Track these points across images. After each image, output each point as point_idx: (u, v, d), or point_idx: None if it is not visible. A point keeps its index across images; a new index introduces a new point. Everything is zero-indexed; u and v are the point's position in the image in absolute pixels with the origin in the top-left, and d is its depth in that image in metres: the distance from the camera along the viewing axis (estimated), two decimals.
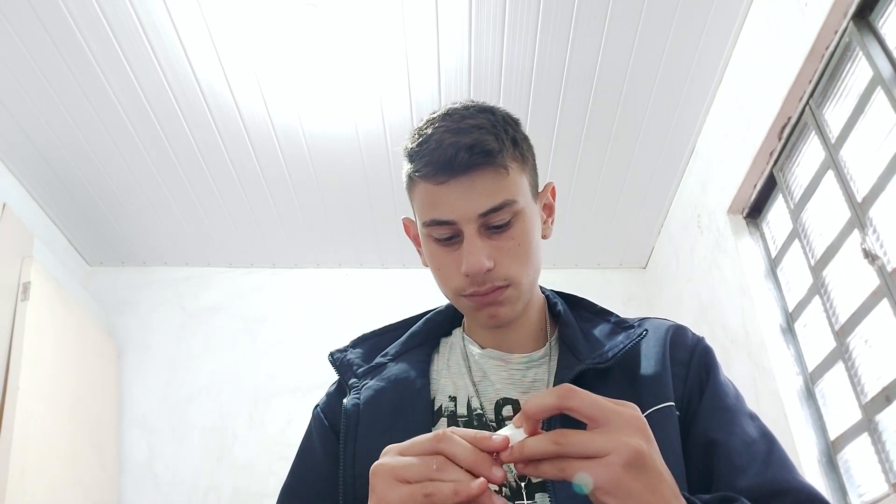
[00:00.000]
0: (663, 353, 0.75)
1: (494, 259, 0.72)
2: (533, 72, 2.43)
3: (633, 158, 2.81)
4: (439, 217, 0.72)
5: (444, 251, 0.74)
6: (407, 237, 0.88)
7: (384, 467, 0.54)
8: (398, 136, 2.68)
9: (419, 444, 0.53)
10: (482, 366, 0.79)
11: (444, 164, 0.70)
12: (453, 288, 0.75)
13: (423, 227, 0.76)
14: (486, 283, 0.72)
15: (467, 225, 0.71)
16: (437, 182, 0.72)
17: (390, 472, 0.53)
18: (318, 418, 0.83)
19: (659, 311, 3.23)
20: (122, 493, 2.85)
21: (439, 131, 0.72)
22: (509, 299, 0.74)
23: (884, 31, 1.73)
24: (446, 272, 0.75)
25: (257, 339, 3.21)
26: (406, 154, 0.77)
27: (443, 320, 0.88)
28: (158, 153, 2.71)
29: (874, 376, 1.75)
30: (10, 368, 2.25)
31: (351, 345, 0.86)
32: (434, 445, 0.52)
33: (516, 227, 0.73)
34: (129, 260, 3.32)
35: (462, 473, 0.51)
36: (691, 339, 0.79)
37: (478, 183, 0.70)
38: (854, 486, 1.87)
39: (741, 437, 0.70)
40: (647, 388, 0.72)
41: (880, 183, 1.71)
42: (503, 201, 0.71)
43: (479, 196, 0.70)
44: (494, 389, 0.76)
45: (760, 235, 2.44)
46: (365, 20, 2.23)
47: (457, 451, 0.51)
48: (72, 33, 2.22)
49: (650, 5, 2.21)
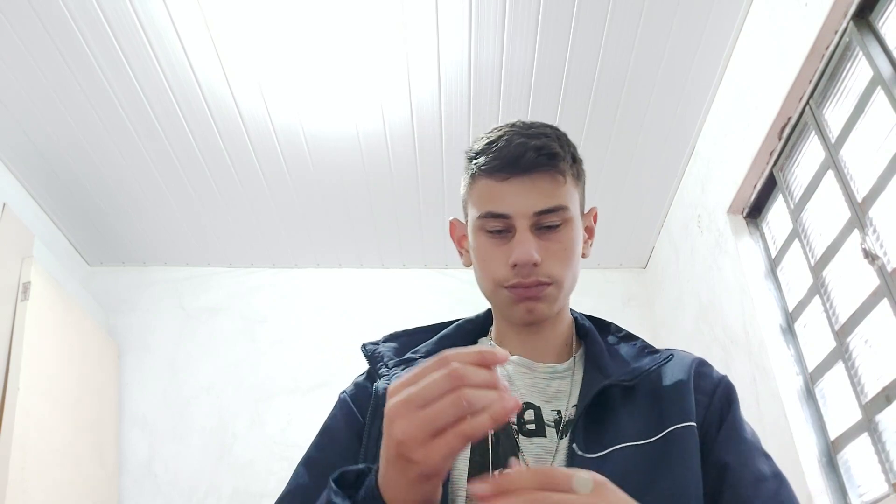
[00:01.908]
0: (688, 379, 0.78)
1: (541, 257, 0.76)
2: (533, 72, 2.43)
3: (633, 158, 2.81)
4: (496, 210, 0.77)
5: (494, 244, 0.78)
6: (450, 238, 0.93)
7: (398, 402, 0.53)
8: (398, 135, 2.68)
9: (422, 370, 0.53)
10: (508, 371, 0.80)
11: (511, 161, 0.76)
12: (497, 279, 0.78)
13: (477, 219, 0.80)
14: (530, 277, 0.76)
15: (521, 220, 0.76)
16: (500, 178, 0.77)
17: (403, 403, 0.52)
18: (344, 402, 0.84)
19: (659, 311, 3.23)
20: (122, 493, 2.85)
21: (509, 133, 0.78)
22: (548, 297, 0.78)
23: (884, 31, 1.73)
24: (493, 264, 0.78)
25: (257, 339, 3.21)
26: (471, 154, 0.82)
27: (473, 328, 0.90)
28: (158, 153, 2.71)
29: (874, 376, 1.75)
30: (10, 368, 2.25)
31: (383, 339, 0.88)
32: (441, 367, 0.52)
33: (565, 232, 0.78)
34: (129, 260, 3.32)
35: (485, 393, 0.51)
36: (717, 374, 0.82)
37: (538, 183, 0.76)
38: (854, 486, 1.87)
39: (752, 470, 0.72)
40: (670, 406, 0.74)
41: (880, 183, 1.71)
42: (558, 205, 0.77)
43: (537, 195, 0.76)
44: (519, 394, 0.78)
45: (760, 235, 2.44)
46: (365, 20, 2.23)
47: (468, 371, 0.51)
48: (72, 33, 2.22)
49: (650, 5, 2.21)
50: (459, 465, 0.72)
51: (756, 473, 0.72)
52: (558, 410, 0.76)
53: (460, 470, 0.71)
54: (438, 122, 2.62)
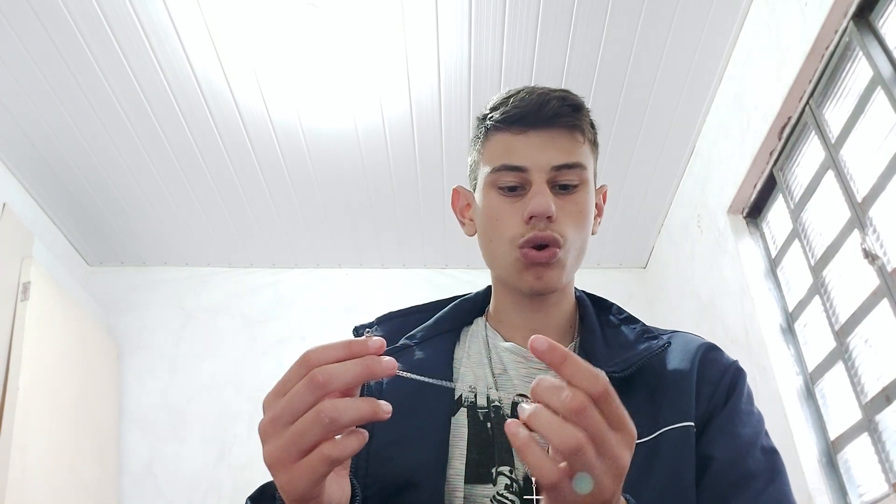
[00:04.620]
0: (691, 369, 0.73)
1: (557, 215, 0.73)
2: (533, 71, 2.43)
3: (633, 158, 2.81)
4: (512, 162, 0.74)
5: (506, 201, 0.75)
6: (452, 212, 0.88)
7: (264, 422, 0.48)
8: (398, 134, 2.68)
9: (287, 378, 0.48)
10: (503, 359, 0.77)
11: (533, 110, 0.74)
12: (510, 237, 0.74)
13: (489, 174, 0.76)
14: (546, 231, 0.72)
15: (538, 174, 0.73)
16: (518, 131, 0.74)
17: (270, 422, 0.47)
18: None
19: (659, 311, 3.23)
20: (122, 493, 2.85)
21: (528, 89, 0.76)
22: (558, 264, 0.74)
23: (884, 31, 1.73)
24: (505, 221, 0.74)
25: (257, 339, 3.21)
26: (485, 112, 0.79)
27: (471, 307, 0.86)
28: (158, 153, 2.71)
29: (874, 376, 1.75)
30: (10, 368, 2.25)
31: (376, 321, 0.85)
32: (301, 371, 0.47)
33: (581, 193, 0.75)
34: (129, 260, 3.32)
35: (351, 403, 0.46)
36: (726, 359, 0.76)
37: (557, 139, 0.74)
38: (854, 486, 1.87)
39: (740, 468, 0.67)
40: (668, 403, 0.70)
41: (880, 183, 1.71)
42: (577, 161, 0.74)
43: (556, 150, 0.73)
44: (512, 385, 0.75)
45: (760, 235, 2.44)
46: (364, 18, 2.23)
47: (331, 374, 0.46)
48: (72, 33, 2.22)
49: (650, 5, 2.21)
50: (456, 464, 0.69)
51: (743, 471, 0.67)
52: None
53: (457, 468, 0.69)
54: (438, 119, 2.62)
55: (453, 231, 3.14)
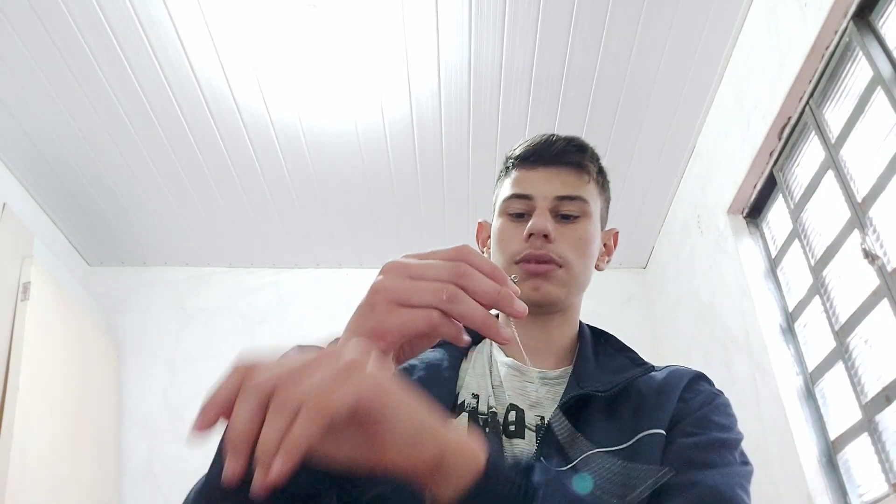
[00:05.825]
0: (675, 390, 0.76)
1: (556, 238, 0.80)
2: (533, 71, 2.43)
3: (633, 158, 2.81)
4: (519, 191, 0.84)
5: (512, 225, 0.84)
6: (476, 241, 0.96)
7: (396, 262, 0.52)
8: (398, 135, 2.68)
9: (440, 253, 0.51)
10: (501, 373, 0.82)
11: (541, 150, 0.84)
12: (510, 254, 0.81)
13: (501, 203, 0.86)
14: (542, 250, 0.79)
15: (542, 201, 0.82)
16: (529, 166, 0.85)
17: (401, 264, 0.51)
18: None
19: (659, 311, 3.24)
20: (122, 493, 2.84)
21: (547, 135, 0.87)
22: (556, 279, 0.80)
23: (884, 31, 1.73)
24: (507, 241, 0.83)
25: (257, 339, 3.21)
26: (508, 155, 0.89)
27: None
28: (158, 153, 2.71)
29: (874, 376, 1.75)
30: (10, 368, 2.25)
31: None
32: (454, 258, 0.50)
33: (581, 224, 0.83)
34: (129, 260, 3.32)
35: (472, 305, 0.48)
36: (711, 389, 0.79)
37: (563, 174, 0.83)
38: (854, 486, 1.87)
39: (679, 479, 0.65)
40: (648, 416, 0.73)
41: (880, 183, 1.71)
42: (579, 195, 0.83)
43: (560, 183, 0.83)
44: (506, 396, 0.79)
45: (760, 235, 2.44)
46: (365, 18, 2.23)
47: (473, 276, 0.48)
48: (72, 33, 2.22)
49: (650, 5, 2.21)
50: None
51: (682, 482, 0.65)
52: (542, 416, 0.76)
53: None
54: (438, 120, 2.62)
55: (454, 231, 3.14)
